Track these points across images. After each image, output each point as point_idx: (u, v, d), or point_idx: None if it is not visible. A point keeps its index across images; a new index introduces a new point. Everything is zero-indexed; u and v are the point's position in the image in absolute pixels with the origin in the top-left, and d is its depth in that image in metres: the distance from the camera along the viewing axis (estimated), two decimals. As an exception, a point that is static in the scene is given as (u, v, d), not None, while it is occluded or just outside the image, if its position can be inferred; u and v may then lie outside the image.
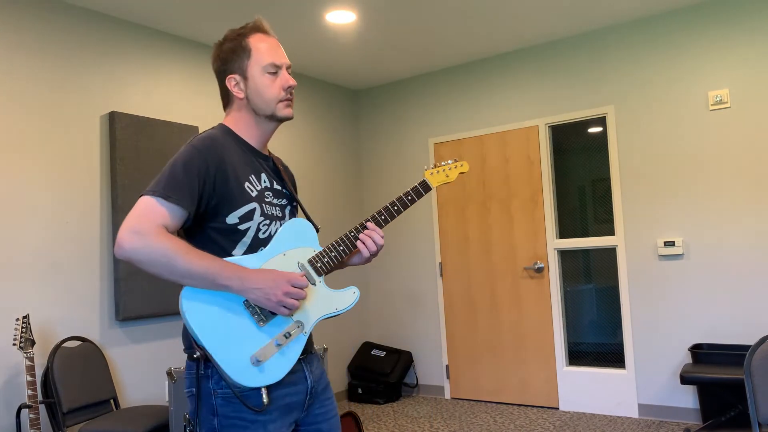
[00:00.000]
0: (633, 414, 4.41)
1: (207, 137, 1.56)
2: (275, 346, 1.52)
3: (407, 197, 1.76)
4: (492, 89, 5.07)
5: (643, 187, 4.39)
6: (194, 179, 1.49)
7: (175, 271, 1.43)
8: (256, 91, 1.61)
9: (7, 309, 3.24)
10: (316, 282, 1.61)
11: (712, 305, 4.13)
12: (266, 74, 1.60)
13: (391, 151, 5.63)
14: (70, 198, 3.56)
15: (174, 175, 1.48)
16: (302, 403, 1.63)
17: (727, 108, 4.10)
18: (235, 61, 1.61)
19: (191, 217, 1.51)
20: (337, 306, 1.63)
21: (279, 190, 1.68)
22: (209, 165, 1.51)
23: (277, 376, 1.52)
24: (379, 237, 1.69)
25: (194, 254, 1.45)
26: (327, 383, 1.75)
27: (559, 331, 4.72)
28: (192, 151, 1.51)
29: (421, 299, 5.42)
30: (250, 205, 1.57)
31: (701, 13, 4.19)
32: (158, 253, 1.41)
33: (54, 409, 3.20)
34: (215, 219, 1.54)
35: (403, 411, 4.90)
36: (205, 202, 1.52)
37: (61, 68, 3.58)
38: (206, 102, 4.40)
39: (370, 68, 5.20)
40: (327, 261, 1.62)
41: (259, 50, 1.60)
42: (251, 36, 1.62)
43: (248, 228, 1.56)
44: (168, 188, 1.46)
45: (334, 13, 4.01)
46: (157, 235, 1.42)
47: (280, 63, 1.62)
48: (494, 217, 5.04)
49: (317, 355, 1.76)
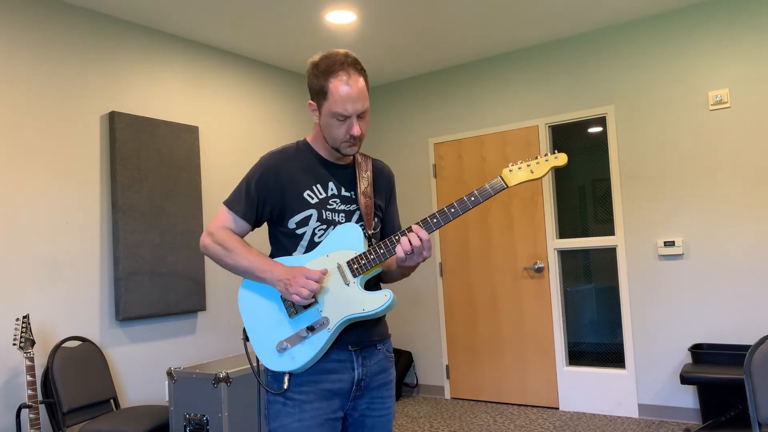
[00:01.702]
0: (633, 414, 4.41)
1: (276, 152, 1.81)
2: (300, 337, 1.68)
3: (470, 198, 1.69)
4: (492, 89, 5.07)
5: (643, 187, 4.39)
6: (254, 193, 1.77)
7: (229, 265, 1.76)
8: (325, 127, 1.75)
9: (7, 309, 3.24)
10: (350, 282, 1.69)
11: (712, 305, 4.13)
12: (335, 119, 1.70)
13: (391, 151, 5.63)
14: (70, 198, 3.56)
15: (240, 188, 1.80)
16: (347, 392, 1.73)
17: (727, 108, 4.10)
18: (315, 94, 1.74)
19: (257, 221, 1.80)
20: (365, 307, 1.67)
21: (348, 196, 1.81)
22: (268, 180, 1.76)
23: (296, 364, 1.67)
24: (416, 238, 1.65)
25: (243, 251, 1.74)
26: (386, 382, 1.81)
27: (559, 331, 4.72)
28: (257, 168, 1.79)
29: (421, 299, 5.42)
30: (307, 212, 1.75)
31: (701, 13, 4.19)
32: (218, 249, 1.76)
33: (54, 409, 3.20)
34: (280, 224, 1.78)
35: (403, 411, 4.90)
36: (268, 210, 1.78)
37: (61, 68, 3.58)
38: (206, 102, 4.40)
39: (370, 68, 5.20)
40: (364, 263, 1.69)
41: (334, 97, 1.69)
42: (334, 77, 1.70)
43: (304, 232, 1.75)
44: (234, 200, 1.80)
45: (334, 13, 4.01)
46: (220, 235, 1.77)
47: (350, 114, 1.70)
48: (494, 217, 5.04)
49: (384, 353, 1.81)
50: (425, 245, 1.66)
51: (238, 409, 3.18)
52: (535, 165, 1.69)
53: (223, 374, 3.12)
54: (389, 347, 1.86)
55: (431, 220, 1.68)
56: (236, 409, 3.17)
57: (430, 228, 1.68)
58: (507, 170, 1.70)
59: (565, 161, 1.67)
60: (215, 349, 4.30)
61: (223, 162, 4.47)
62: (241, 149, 4.64)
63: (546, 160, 1.69)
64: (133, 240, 3.74)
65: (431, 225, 1.68)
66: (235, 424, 3.15)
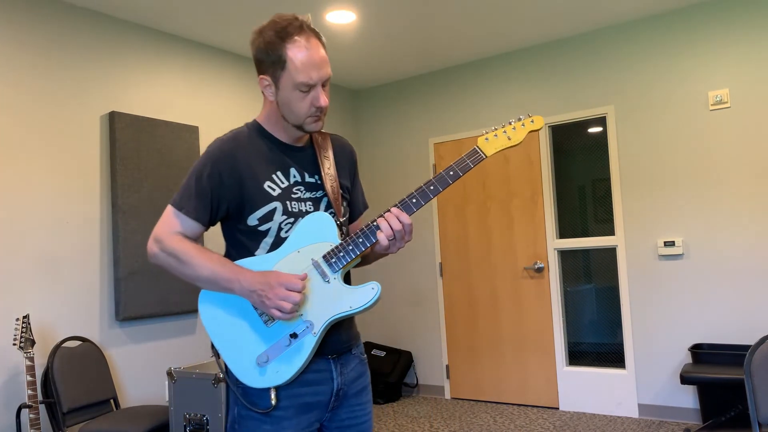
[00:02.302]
0: (633, 414, 4.41)
1: (227, 140, 1.59)
2: (283, 347, 1.49)
3: (449, 173, 1.54)
4: (492, 89, 5.07)
5: (643, 187, 4.39)
6: (206, 189, 1.54)
7: (186, 275, 1.53)
8: (285, 103, 1.54)
9: (7, 309, 3.24)
10: (330, 279, 1.52)
11: (712, 305, 4.13)
12: (297, 90, 1.51)
13: (391, 151, 5.63)
14: (70, 198, 3.56)
15: (188, 185, 1.56)
16: (326, 404, 1.58)
17: (727, 108, 4.10)
18: (269, 65, 1.52)
19: (211, 221, 1.58)
20: (351, 304, 1.50)
21: (312, 182, 1.62)
22: (221, 172, 1.54)
23: (283, 377, 1.49)
24: (397, 222, 1.50)
25: (202, 259, 1.51)
26: (363, 387, 1.67)
27: (559, 331, 4.72)
28: (206, 159, 1.56)
29: (421, 299, 5.42)
30: (270, 206, 1.55)
31: (701, 13, 4.19)
32: (171, 259, 1.53)
33: (54, 409, 3.20)
34: (238, 221, 1.57)
35: (403, 411, 4.90)
36: (224, 207, 1.57)
37: (61, 68, 3.58)
38: (206, 102, 4.40)
39: (370, 68, 5.20)
40: (342, 255, 1.51)
41: (294, 64, 1.49)
42: (290, 43, 1.49)
43: (268, 229, 1.56)
44: (183, 199, 1.55)
45: (334, 13, 4.01)
46: (170, 242, 1.53)
47: (315, 82, 1.51)
48: (494, 218, 5.04)
49: (358, 357, 1.68)
50: (407, 229, 1.52)
51: (238, 409, 3.17)
52: (512, 131, 1.57)
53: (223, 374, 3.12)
54: (362, 349, 1.72)
55: (410, 201, 1.53)
56: (236, 409, 3.16)
57: (411, 209, 1.53)
58: (483, 139, 1.56)
59: (541, 124, 1.57)
60: (215, 349, 4.29)
61: (223, 162, 4.47)
62: (241, 149, 4.63)
63: (522, 125, 1.57)
64: (133, 240, 3.74)
65: (411, 206, 1.53)
66: (235, 424, 3.15)
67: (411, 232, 1.53)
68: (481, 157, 1.54)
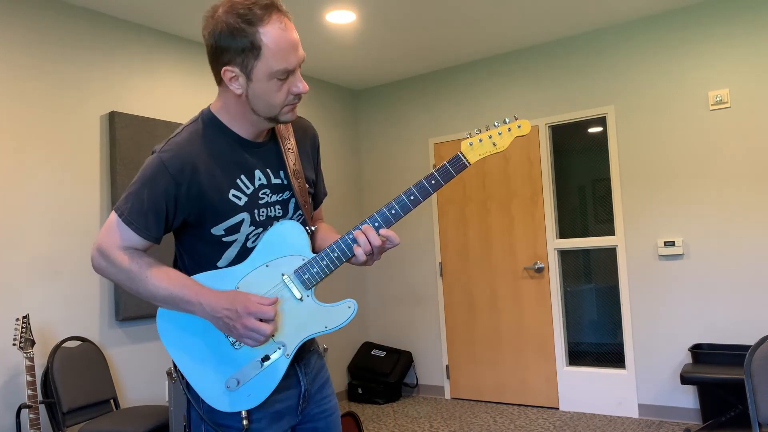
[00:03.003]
0: (633, 414, 4.40)
1: (181, 145, 1.37)
2: (254, 370, 1.39)
3: (430, 182, 1.43)
4: (492, 89, 5.06)
5: (643, 187, 4.38)
6: (160, 204, 1.35)
7: (139, 294, 1.37)
8: (258, 95, 1.36)
9: (7, 309, 3.24)
10: (302, 297, 1.40)
11: (712, 305, 4.13)
12: (274, 79, 1.34)
13: (391, 151, 5.63)
14: (70, 198, 3.56)
15: (139, 197, 1.35)
16: (295, 407, 1.52)
17: (727, 108, 4.10)
18: (237, 54, 1.31)
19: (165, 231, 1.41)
20: (327, 324, 1.40)
21: (279, 184, 1.47)
22: (179, 184, 1.35)
23: (255, 401, 1.40)
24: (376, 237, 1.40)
25: (157, 278, 1.35)
26: (325, 381, 1.60)
27: (559, 331, 4.72)
28: (159, 168, 1.34)
29: (421, 299, 5.42)
30: (237, 217, 1.40)
31: (701, 13, 4.19)
32: (121, 276, 1.37)
33: (54, 409, 3.20)
34: (199, 229, 1.41)
35: (403, 411, 4.90)
36: (180, 219, 1.39)
37: (61, 68, 3.58)
38: (206, 102, 4.40)
39: (370, 68, 5.20)
40: (316, 272, 1.39)
41: (271, 51, 1.30)
42: (264, 26, 1.29)
43: (234, 240, 1.41)
44: (132, 213, 1.36)
45: (334, 13, 4.01)
46: (118, 257, 1.36)
47: (293, 66, 1.34)
48: (494, 217, 5.04)
49: (315, 352, 1.60)
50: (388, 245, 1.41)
51: (238, 409, 3.17)
52: (497, 136, 1.46)
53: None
54: (317, 344, 1.62)
55: (389, 212, 1.41)
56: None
57: (390, 221, 1.41)
58: (466, 143, 1.46)
59: (528, 129, 1.47)
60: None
61: (223, 162, 4.47)
62: (241, 149, 4.63)
63: (508, 130, 1.47)
64: (133, 240, 3.73)
65: (390, 218, 1.41)
66: (235, 424, 3.14)
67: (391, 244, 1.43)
68: (464, 165, 1.45)
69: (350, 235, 1.41)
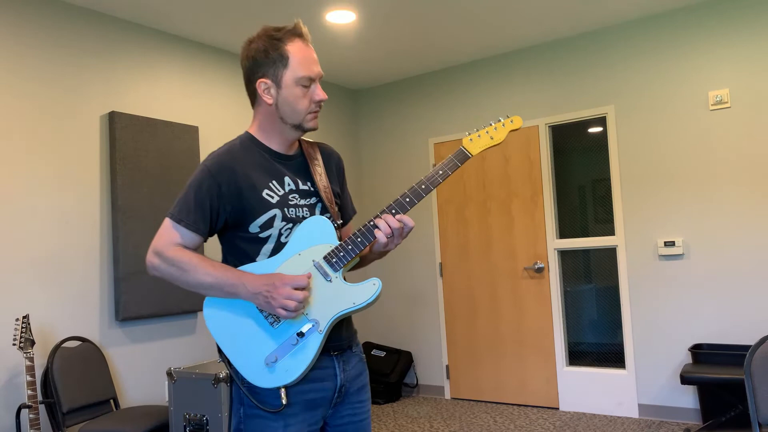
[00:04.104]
0: (633, 414, 4.41)
1: (222, 154, 1.63)
2: (290, 346, 1.55)
3: (438, 173, 1.66)
4: (492, 89, 5.07)
5: (643, 186, 4.39)
6: (205, 202, 1.58)
7: (190, 284, 1.57)
8: (286, 102, 1.60)
9: (7, 309, 3.24)
10: (332, 278, 1.58)
11: (712, 305, 4.13)
12: (299, 86, 1.59)
13: (391, 151, 5.63)
14: (70, 198, 3.56)
15: (187, 199, 1.59)
16: (329, 400, 1.63)
17: (727, 108, 4.10)
18: (269, 66, 1.59)
19: (210, 232, 1.62)
20: (354, 300, 1.56)
21: (306, 190, 1.68)
22: (221, 184, 1.58)
23: (292, 376, 1.54)
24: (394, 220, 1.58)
25: (204, 267, 1.55)
26: (363, 385, 1.72)
27: (559, 331, 4.72)
28: (204, 173, 1.60)
29: (421, 299, 5.42)
30: (270, 213, 1.60)
31: (701, 13, 4.19)
32: (173, 270, 1.56)
33: (54, 409, 3.20)
34: (239, 229, 1.61)
35: (403, 411, 4.90)
36: (222, 218, 1.61)
37: (61, 68, 3.58)
38: (206, 102, 4.40)
39: (370, 68, 5.20)
40: (343, 255, 1.58)
41: (296, 60, 1.58)
42: (290, 42, 1.59)
43: (269, 235, 1.61)
44: (181, 212, 1.59)
45: (334, 13, 4.01)
46: (171, 253, 1.57)
47: (315, 76, 1.61)
48: (494, 217, 5.04)
49: (358, 355, 1.73)
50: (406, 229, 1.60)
51: (238, 409, 3.17)
52: (494, 131, 1.70)
53: (223, 374, 3.12)
54: (361, 349, 1.78)
55: (404, 200, 1.62)
56: (236, 409, 3.16)
57: (405, 208, 1.61)
58: (467, 139, 1.70)
59: (520, 124, 1.71)
60: (215, 349, 4.30)
61: (223, 162, 4.47)
62: (241, 149, 4.63)
63: (503, 125, 1.71)
64: (133, 240, 3.74)
65: (405, 205, 1.61)
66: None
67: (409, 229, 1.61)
68: (467, 156, 1.67)
69: (371, 222, 1.59)
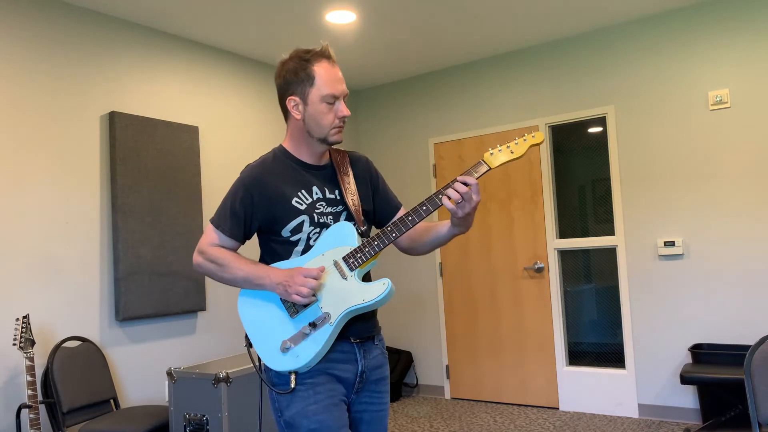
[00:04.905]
0: (633, 414, 4.41)
1: (255, 167, 1.81)
2: (303, 335, 1.71)
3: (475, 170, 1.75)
4: (492, 89, 5.07)
5: (643, 187, 4.39)
6: (239, 211, 1.79)
7: (225, 279, 1.79)
8: (312, 117, 1.76)
9: (7, 309, 3.24)
10: (347, 276, 1.72)
11: (712, 305, 4.13)
12: (324, 103, 1.75)
13: (391, 151, 5.63)
14: (70, 198, 3.56)
15: (225, 206, 1.81)
16: (352, 382, 1.78)
17: (727, 108, 4.10)
18: (298, 84, 1.75)
19: (246, 236, 1.83)
20: (364, 297, 1.69)
21: (333, 198, 1.83)
22: (253, 195, 1.78)
23: (301, 362, 1.70)
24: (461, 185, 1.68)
25: (238, 263, 1.77)
26: (383, 377, 1.86)
27: (559, 331, 4.72)
28: (239, 184, 1.80)
29: (421, 299, 5.42)
30: (299, 219, 1.77)
31: (701, 13, 4.19)
32: (212, 265, 1.80)
33: (54, 409, 3.20)
34: (272, 233, 1.80)
35: (403, 411, 4.90)
36: (256, 224, 1.81)
37: (61, 68, 3.58)
38: (206, 102, 4.40)
39: (370, 68, 5.20)
40: (360, 256, 1.72)
41: (322, 79, 1.74)
42: (317, 63, 1.75)
43: (299, 239, 1.78)
44: (220, 219, 1.81)
45: (334, 13, 4.01)
46: (211, 252, 1.80)
47: (339, 94, 1.76)
48: (494, 218, 5.04)
49: (380, 348, 1.87)
50: (474, 189, 1.68)
51: (238, 409, 3.18)
52: (514, 146, 1.75)
53: (223, 374, 3.12)
54: (383, 345, 1.91)
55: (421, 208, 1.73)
56: (236, 409, 3.17)
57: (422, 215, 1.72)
58: (488, 153, 1.75)
59: (541, 139, 1.75)
60: (215, 349, 4.30)
61: (223, 162, 4.48)
62: (241, 149, 4.64)
63: (524, 140, 1.75)
64: (133, 240, 3.74)
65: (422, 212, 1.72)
66: (235, 424, 3.15)
67: (478, 191, 1.70)
68: (486, 168, 1.73)
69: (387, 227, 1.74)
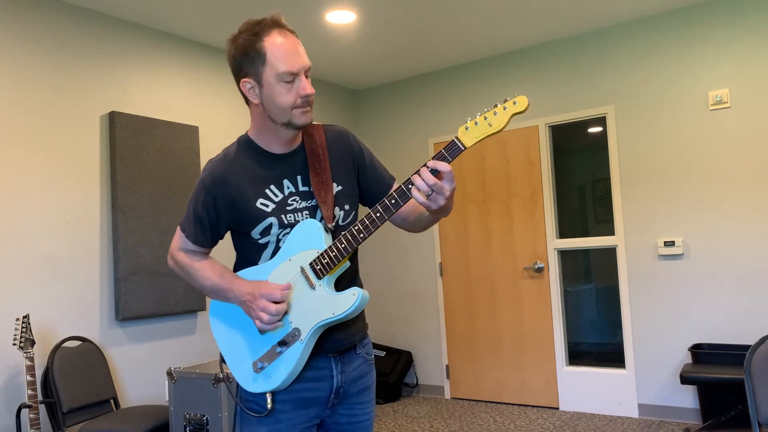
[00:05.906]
0: (633, 414, 4.41)
1: (217, 161, 1.63)
2: (275, 354, 1.55)
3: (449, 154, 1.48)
4: (492, 89, 5.07)
5: (643, 186, 4.39)
6: (203, 216, 1.63)
7: (195, 286, 1.69)
8: (270, 100, 1.53)
9: (7, 309, 3.24)
10: (315, 286, 1.53)
11: (712, 305, 4.13)
12: (282, 82, 1.50)
13: (391, 151, 5.63)
14: (70, 198, 3.56)
15: (189, 210, 1.66)
16: (325, 400, 1.62)
17: (727, 108, 4.10)
18: (249, 65, 1.52)
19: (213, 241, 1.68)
20: (334, 311, 1.51)
21: (306, 191, 1.61)
22: (215, 196, 1.60)
23: (274, 383, 1.55)
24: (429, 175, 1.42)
25: (204, 272, 1.65)
26: (366, 387, 1.70)
27: (559, 331, 4.72)
28: (200, 186, 1.62)
29: (421, 299, 5.42)
30: (266, 222, 1.59)
31: (701, 13, 4.19)
32: (181, 272, 1.70)
33: (54, 409, 3.20)
34: (242, 234, 1.64)
35: (403, 411, 4.90)
36: (224, 226, 1.65)
37: (61, 68, 3.58)
38: (206, 102, 4.40)
39: (370, 68, 5.20)
40: (327, 262, 1.52)
41: (275, 55, 1.49)
42: (267, 37, 1.50)
43: (268, 241, 1.61)
44: (185, 222, 1.67)
45: (334, 13, 4.01)
46: (178, 258, 1.69)
47: (297, 70, 1.51)
48: (494, 217, 5.04)
49: (363, 357, 1.69)
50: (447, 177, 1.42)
51: (238, 409, 3.17)
52: (493, 116, 1.43)
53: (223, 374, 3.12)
54: (369, 350, 1.73)
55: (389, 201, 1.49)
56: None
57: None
58: (463, 128, 1.45)
59: (525, 105, 1.41)
60: (215, 349, 4.30)
61: (223, 162, 4.47)
62: (241, 149, 4.63)
63: (504, 108, 1.43)
64: (133, 240, 3.74)
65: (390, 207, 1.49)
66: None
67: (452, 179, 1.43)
68: (459, 149, 1.44)
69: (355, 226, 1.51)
